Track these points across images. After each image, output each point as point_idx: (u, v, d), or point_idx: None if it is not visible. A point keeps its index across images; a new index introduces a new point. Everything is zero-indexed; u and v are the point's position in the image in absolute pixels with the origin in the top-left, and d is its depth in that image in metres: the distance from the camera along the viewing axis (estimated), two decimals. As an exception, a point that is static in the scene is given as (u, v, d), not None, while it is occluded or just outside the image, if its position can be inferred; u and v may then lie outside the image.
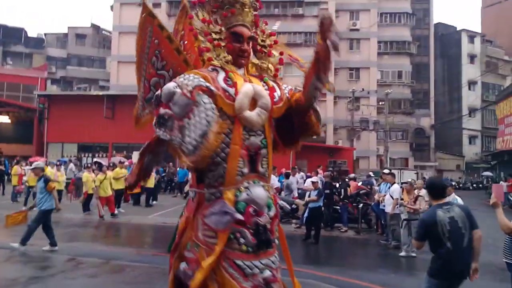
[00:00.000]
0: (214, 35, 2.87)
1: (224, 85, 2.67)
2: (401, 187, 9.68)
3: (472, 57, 42.24)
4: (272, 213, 2.79)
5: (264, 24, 3.10)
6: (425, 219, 3.83)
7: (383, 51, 35.05)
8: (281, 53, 3.23)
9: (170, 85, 2.53)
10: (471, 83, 39.94)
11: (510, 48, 41.24)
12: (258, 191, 2.72)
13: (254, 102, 2.71)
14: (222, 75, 2.73)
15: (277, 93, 2.91)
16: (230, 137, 2.65)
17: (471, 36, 43.08)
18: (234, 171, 2.66)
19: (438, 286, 3.68)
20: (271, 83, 2.97)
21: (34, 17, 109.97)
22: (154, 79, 3.01)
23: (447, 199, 4.13)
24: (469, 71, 40.51)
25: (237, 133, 2.67)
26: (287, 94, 2.97)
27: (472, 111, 37.51)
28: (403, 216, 8.94)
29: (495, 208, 3.90)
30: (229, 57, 2.83)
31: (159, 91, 2.60)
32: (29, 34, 43.83)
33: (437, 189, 3.93)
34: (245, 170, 2.70)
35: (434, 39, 40.74)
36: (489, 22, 49.09)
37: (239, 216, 2.61)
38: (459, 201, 6.56)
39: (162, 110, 2.51)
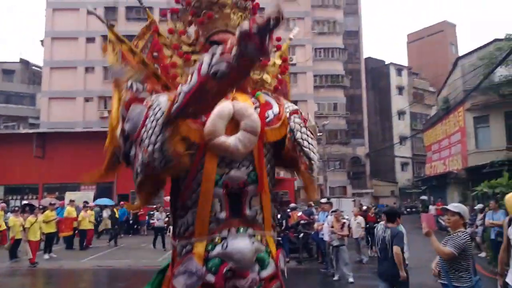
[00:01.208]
0: (185, 48, 2.37)
1: None
2: (330, 215, 9.98)
3: (400, 89, 44.98)
4: (266, 273, 2.12)
5: None
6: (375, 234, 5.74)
7: (318, 84, 36.56)
8: (284, 60, 2.70)
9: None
10: (400, 113, 42.45)
11: (433, 79, 44.57)
12: (239, 243, 2.03)
13: (236, 124, 2.11)
14: None
15: (273, 111, 2.30)
16: (201, 173, 2.07)
17: (399, 69, 46.09)
18: (205, 217, 2.05)
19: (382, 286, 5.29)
20: (266, 98, 2.37)
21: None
22: (133, 106, 2.23)
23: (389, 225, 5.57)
24: (398, 102, 43.05)
25: (209, 166, 2.06)
26: (287, 113, 2.35)
27: (402, 139, 39.71)
28: (334, 243, 9.29)
29: (429, 237, 4.15)
30: None
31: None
32: (-49, 70, 41.07)
33: (389, 215, 5.60)
34: (222, 215, 2.07)
35: (365, 72, 43.12)
36: (414, 56, 53.11)
37: (210, 278, 1.99)
38: (402, 228, 6.91)
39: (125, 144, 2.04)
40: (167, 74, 2.38)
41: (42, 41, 32.63)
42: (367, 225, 12.61)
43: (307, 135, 2.37)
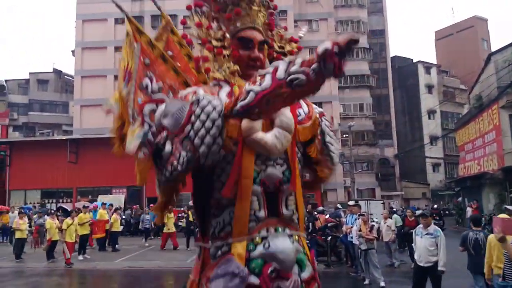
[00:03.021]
0: (214, 42, 2.25)
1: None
2: (358, 218, 9.86)
3: (429, 87, 43.89)
4: (306, 274, 2.04)
5: (283, 29, 2.48)
6: (463, 235, 6.75)
7: (343, 85, 36.18)
8: None
9: (165, 102, 2.02)
10: (430, 112, 41.42)
11: (464, 77, 43.37)
12: (282, 243, 1.96)
13: (270, 121, 2.06)
14: (226, 89, 2.11)
15: (303, 109, 2.27)
16: (239, 169, 1.98)
17: (427, 67, 45.00)
18: (245, 215, 1.96)
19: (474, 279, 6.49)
20: None
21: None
22: (149, 106, 2.12)
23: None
24: (428, 101, 42.05)
25: (247, 162, 1.98)
26: (317, 113, 2.31)
27: (433, 139, 38.71)
28: (362, 247, 9.18)
29: (503, 243, 4.13)
30: (235, 68, 2.19)
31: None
32: (-10, 81, 42.96)
33: (474, 221, 7.21)
34: (261, 213, 1.99)
35: (392, 71, 42.37)
36: (443, 53, 51.57)
37: (254, 280, 1.89)
38: (441, 232, 6.85)
39: (158, 138, 1.94)
40: (197, 67, 2.31)
41: (73, 51, 33.71)
42: (402, 230, 12.26)
43: (334, 139, 2.34)
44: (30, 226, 15.33)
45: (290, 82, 1.69)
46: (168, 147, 1.89)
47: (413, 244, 7.52)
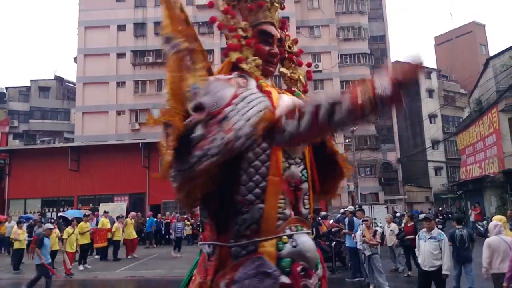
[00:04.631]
0: (241, 32, 2.17)
1: None
2: (361, 223, 9.79)
3: (430, 92, 43.98)
4: (320, 272, 2.05)
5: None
6: (450, 232, 7.90)
7: (345, 90, 36.18)
8: (308, 65, 2.65)
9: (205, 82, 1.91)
10: (432, 117, 41.43)
11: (464, 81, 43.39)
12: (307, 242, 1.95)
13: None
14: (252, 83, 2.05)
15: None
16: (267, 166, 1.89)
17: (428, 72, 45.11)
18: (274, 213, 1.89)
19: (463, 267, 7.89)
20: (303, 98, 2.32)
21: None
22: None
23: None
24: (429, 105, 42.09)
25: (275, 158, 1.92)
26: None
27: (435, 143, 38.69)
28: (366, 253, 9.11)
29: None
30: (260, 61, 2.14)
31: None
32: (-10, 89, 43.02)
33: (457, 220, 8.43)
34: (287, 211, 1.94)
35: (393, 76, 42.37)
36: (443, 58, 51.96)
37: (285, 279, 1.82)
38: (444, 236, 6.87)
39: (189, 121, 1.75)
40: (226, 56, 2.19)
41: (75, 58, 33.78)
42: (398, 236, 12.08)
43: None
44: (30, 236, 15.09)
45: (334, 127, 1.73)
46: (199, 130, 1.73)
47: (416, 249, 7.44)
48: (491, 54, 28.91)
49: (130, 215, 16.33)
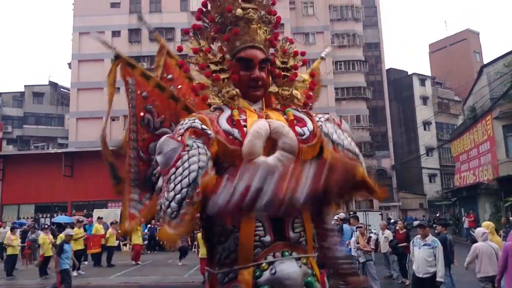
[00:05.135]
0: (213, 67, 2.21)
1: (226, 127, 1.98)
2: (356, 230, 9.80)
3: (424, 99, 44.21)
4: None
5: (288, 43, 2.40)
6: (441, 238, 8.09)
7: (340, 97, 36.38)
8: (311, 75, 2.56)
9: (162, 138, 1.92)
10: (426, 124, 41.63)
11: (458, 88, 43.70)
12: (288, 268, 1.89)
13: (273, 143, 2.00)
14: (226, 113, 2.07)
15: (307, 127, 2.14)
16: None
17: (422, 79, 45.40)
18: (249, 242, 1.90)
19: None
20: (297, 114, 2.22)
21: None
22: (152, 145, 2.17)
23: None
24: (423, 112, 42.31)
25: None
26: (322, 126, 2.18)
27: (429, 150, 38.86)
28: (360, 259, 9.12)
29: None
30: (234, 91, 2.14)
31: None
32: (-16, 95, 42.81)
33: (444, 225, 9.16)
34: (267, 238, 1.92)
35: (387, 83, 42.69)
36: (437, 65, 52.27)
37: None
38: (438, 243, 6.94)
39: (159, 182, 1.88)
40: (195, 96, 2.28)
41: (69, 63, 33.73)
42: (390, 243, 11.97)
43: (344, 136, 2.20)
44: (23, 242, 15.00)
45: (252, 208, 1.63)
46: (159, 182, 1.87)
47: (411, 256, 7.46)
48: (485, 62, 29.12)
49: (111, 226, 16.07)
